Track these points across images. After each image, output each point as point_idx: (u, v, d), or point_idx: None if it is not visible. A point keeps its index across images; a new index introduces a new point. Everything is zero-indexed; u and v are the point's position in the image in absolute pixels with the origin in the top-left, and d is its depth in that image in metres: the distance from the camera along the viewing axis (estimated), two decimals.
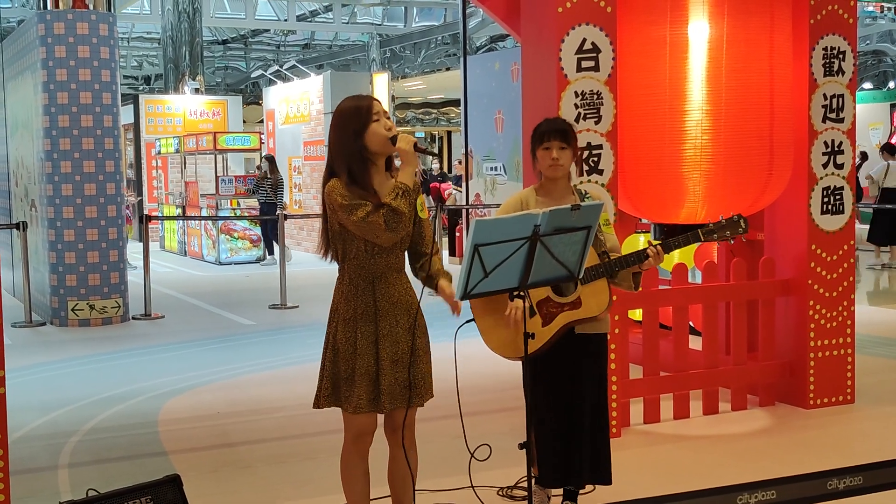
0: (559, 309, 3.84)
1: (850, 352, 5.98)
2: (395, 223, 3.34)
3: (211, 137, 16.33)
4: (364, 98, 3.50)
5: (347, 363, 3.47)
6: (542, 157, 3.96)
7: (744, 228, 3.96)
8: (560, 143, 3.93)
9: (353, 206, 3.35)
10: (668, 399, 5.69)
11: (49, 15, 9.56)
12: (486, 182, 13.76)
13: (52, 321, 9.77)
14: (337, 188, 3.40)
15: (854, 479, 3.29)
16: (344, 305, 3.51)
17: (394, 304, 3.48)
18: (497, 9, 5.83)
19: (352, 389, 3.46)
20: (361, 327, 3.46)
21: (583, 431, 3.98)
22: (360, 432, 3.54)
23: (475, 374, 6.70)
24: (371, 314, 3.47)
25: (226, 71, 33.05)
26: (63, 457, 5.31)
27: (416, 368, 3.50)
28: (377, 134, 3.42)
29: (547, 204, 3.88)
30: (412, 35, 26.07)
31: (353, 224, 3.37)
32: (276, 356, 8.07)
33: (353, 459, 3.59)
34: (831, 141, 5.81)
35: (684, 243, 3.99)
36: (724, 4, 5.27)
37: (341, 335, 3.49)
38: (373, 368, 3.45)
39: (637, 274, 3.96)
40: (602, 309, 3.87)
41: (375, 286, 3.47)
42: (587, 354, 4.01)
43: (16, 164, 11.38)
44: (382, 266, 3.46)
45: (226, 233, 15.71)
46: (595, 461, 4.03)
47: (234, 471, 5.03)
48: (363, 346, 3.45)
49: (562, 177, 4.00)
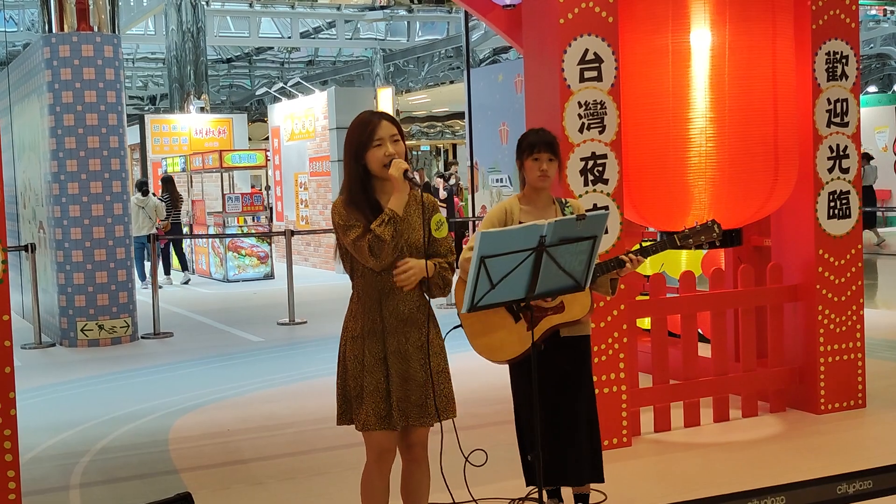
0: (543, 313, 3.92)
1: (861, 356, 5.96)
2: (378, 250, 3.33)
3: (217, 156, 16.38)
4: (372, 120, 3.46)
5: (356, 380, 3.47)
6: (530, 168, 4.04)
7: (718, 233, 4.01)
8: (549, 154, 4.01)
9: (347, 226, 3.40)
10: (678, 407, 5.68)
11: (54, 38, 9.62)
12: (491, 194, 13.77)
13: (61, 342, 9.79)
14: (337, 207, 3.45)
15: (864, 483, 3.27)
16: (352, 323, 3.52)
17: (402, 321, 3.47)
18: (499, 21, 5.85)
19: (360, 407, 3.45)
20: (369, 344, 3.46)
21: (573, 431, 4.04)
22: (381, 450, 3.52)
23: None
24: (378, 331, 3.46)
25: (230, 89, 33.16)
26: (74, 477, 5.32)
27: (435, 388, 3.48)
28: (375, 158, 3.43)
29: (530, 213, 4.00)
30: (415, 49, 26.15)
31: (347, 245, 3.42)
32: (286, 372, 8.07)
33: (373, 477, 3.58)
34: (836, 145, 5.81)
35: (660, 249, 4.08)
36: (726, 12, 5.28)
37: (350, 352, 3.50)
38: (382, 386, 3.44)
39: (614, 280, 4.02)
40: (585, 312, 3.97)
41: (382, 303, 3.46)
42: (572, 357, 4.08)
43: (23, 187, 11.43)
44: (389, 284, 3.46)
45: (233, 250, 15.75)
46: (590, 460, 4.10)
47: (246, 488, 5.03)
48: (371, 364, 3.45)
49: (547, 187, 4.07)
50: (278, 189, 19.09)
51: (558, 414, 4.06)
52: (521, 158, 4.07)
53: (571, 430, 4.06)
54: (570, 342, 4.07)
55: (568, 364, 4.08)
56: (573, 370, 4.10)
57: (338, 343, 3.61)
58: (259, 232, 15.57)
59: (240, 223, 15.82)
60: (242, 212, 15.79)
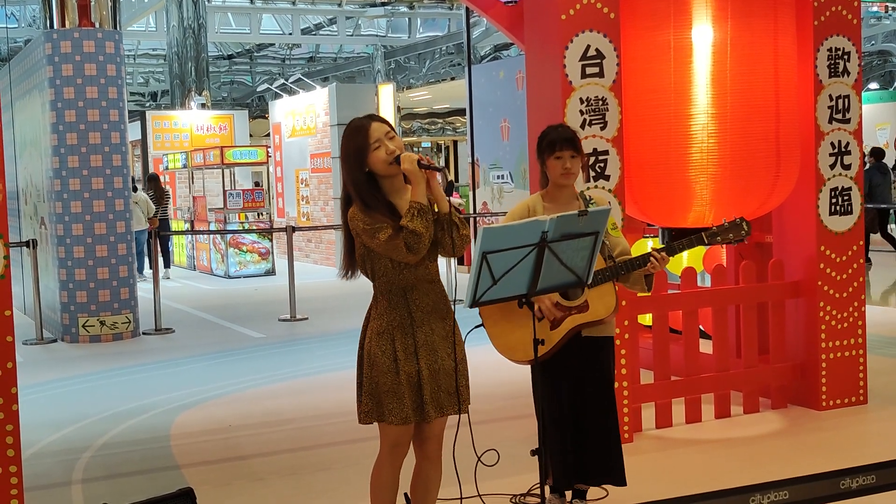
0: (567, 312, 3.88)
1: (862, 352, 5.96)
2: (415, 244, 3.32)
3: (218, 152, 16.38)
4: (362, 126, 3.44)
5: (389, 375, 3.44)
6: (553, 166, 4.00)
7: (746, 231, 4.00)
8: (571, 151, 3.99)
9: (374, 230, 3.37)
10: (679, 403, 5.68)
11: (56, 34, 9.62)
12: (492, 190, 13.77)
13: (62, 338, 9.80)
14: (357, 215, 3.41)
15: (867, 477, 3.27)
16: (377, 320, 3.50)
17: (428, 313, 3.48)
18: (500, 18, 5.84)
19: (397, 401, 3.43)
20: (399, 338, 3.45)
21: (593, 433, 4.00)
22: (397, 443, 3.52)
23: (489, 382, 6.69)
24: (408, 325, 3.46)
25: (232, 85, 33.17)
26: (76, 472, 5.33)
27: (461, 376, 3.51)
28: (379, 161, 3.41)
29: (554, 210, 3.91)
30: (416, 46, 26.13)
31: (378, 247, 3.39)
32: (287, 368, 8.07)
33: (385, 470, 3.58)
34: (838, 142, 5.81)
35: (688, 246, 4.05)
36: (728, 8, 5.28)
37: (377, 349, 3.46)
38: (415, 379, 3.45)
39: (649, 276, 3.99)
40: (609, 311, 3.90)
41: (408, 297, 3.46)
42: (595, 357, 4.03)
43: (25, 183, 11.43)
44: (412, 279, 3.45)
45: (234, 246, 15.76)
46: (607, 462, 4.04)
47: (247, 483, 5.03)
48: (404, 357, 3.44)
49: (571, 184, 4.04)
50: (279, 185, 19.09)
51: (583, 415, 4.02)
52: (542, 157, 4.03)
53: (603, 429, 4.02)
54: (592, 342, 4.01)
55: (590, 364, 4.03)
56: (596, 371, 4.04)
57: (340, 340, 3.62)
58: (260, 228, 15.57)
59: (241, 219, 15.83)
60: (244, 208, 15.80)
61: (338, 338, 9.13)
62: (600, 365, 4.07)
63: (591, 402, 4.03)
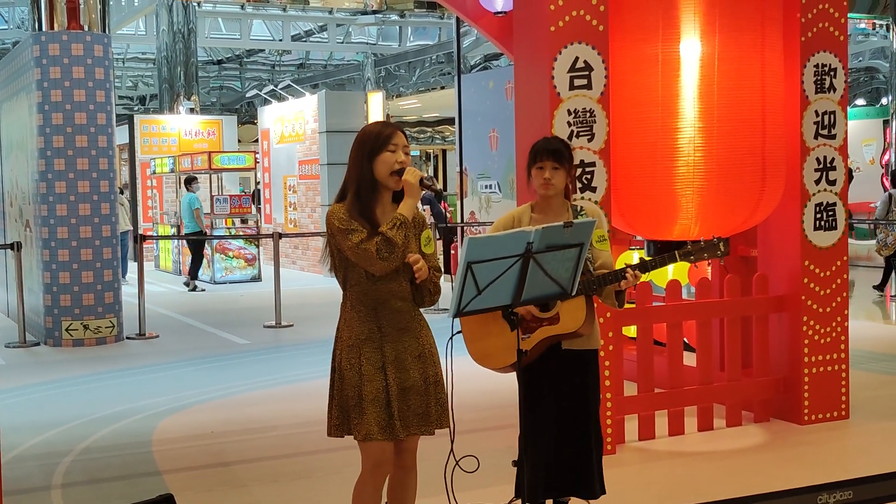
0: (538, 324, 3.89)
1: (845, 367, 5.99)
2: (387, 253, 3.32)
3: (206, 157, 16.34)
4: (389, 127, 3.50)
5: (354, 389, 3.42)
6: (535, 176, 4.01)
7: (722, 251, 3.95)
8: (553, 163, 3.97)
9: (349, 230, 3.36)
10: (662, 416, 5.69)
11: (44, 36, 9.59)
12: (480, 200, 13.79)
13: (46, 341, 9.74)
14: (336, 212, 3.41)
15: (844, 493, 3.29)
16: (346, 332, 3.48)
17: (400, 330, 3.46)
18: (490, 28, 5.87)
19: (361, 416, 3.40)
20: (366, 353, 3.43)
21: (568, 448, 3.99)
22: (378, 462, 3.47)
23: (473, 392, 6.68)
24: (376, 339, 3.44)
25: (221, 91, 33.11)
26: (57, 477, 5.29)
27: (432, 397, 3.49)
28: (386, 162, 3.42)
29: (541, 221, 3.91)
30: (407, 54, 26.18)
31: (348, 249, 3.37)
32: (271, 375, 8.05)
33: (367, 490, 3.52)
34: (823, 157, 5.84)
35: (661, 264, 4.00)
36: (716, 22, 5.31)
37: (345, 361, 3.45)
38: (382, 395, 3.41)
39: (620, 292, 3.97)
40: (578, 325, 3.87)
41: (379, 312, 3.44)
42: (575, 371, 4.02)
43: (10, 185, 11.38)
44: (385, 293, 3.44)
45: (221, 252, 15.72)
46: (587, 475, 4.03)
47: (229, 490, 5.01)
48: (369, 372, 3.41)
49: (555, 195, 4.04)
50: (267, 191, 19.06)
51: (565, 427, 4.01)
52: (528, 166, 4.05)
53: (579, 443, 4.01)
54: (573, 355, 4.00)
55: (572, 377, 4.01)
56: (577, 384, 4.02)
57: (324, 347, 3.61)
58: (247, 234, 15.54)
59: (227, 225, 15.79)
60: (231, 213, 15.77)
61: (322, 345, 9.10)
62: (581, 379, 4.06)
63: (569, 416, 4.02)
